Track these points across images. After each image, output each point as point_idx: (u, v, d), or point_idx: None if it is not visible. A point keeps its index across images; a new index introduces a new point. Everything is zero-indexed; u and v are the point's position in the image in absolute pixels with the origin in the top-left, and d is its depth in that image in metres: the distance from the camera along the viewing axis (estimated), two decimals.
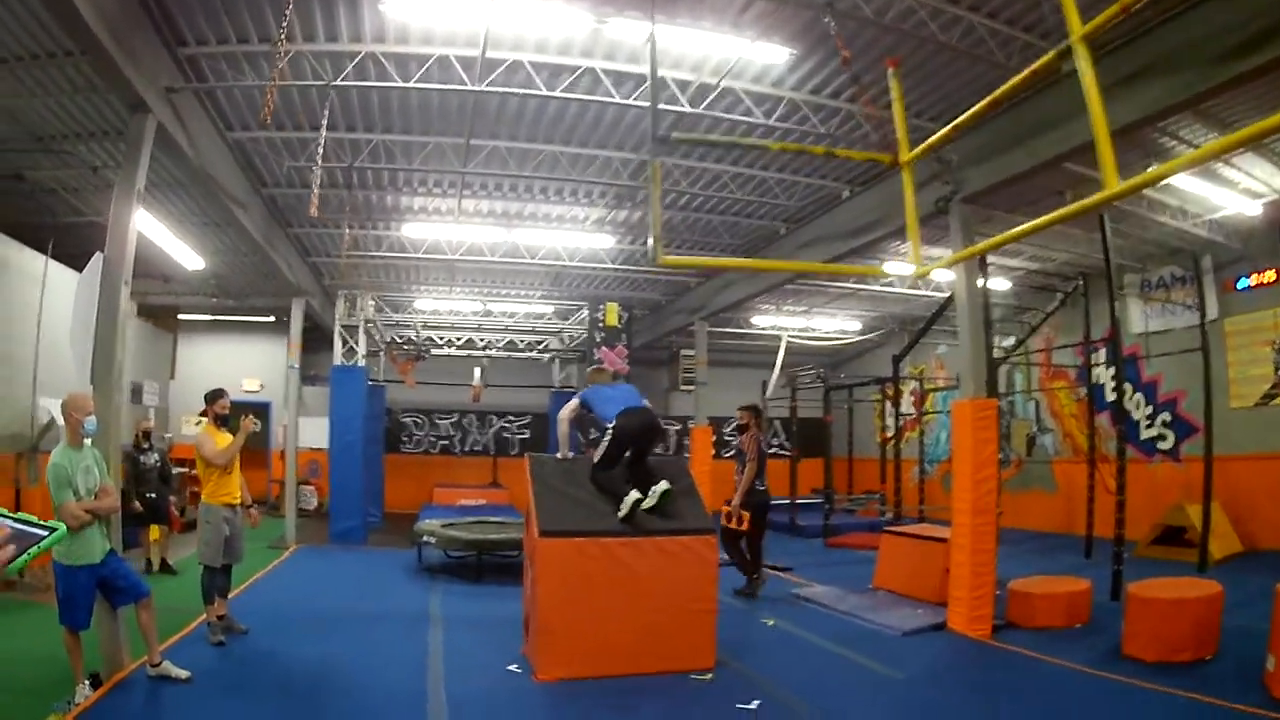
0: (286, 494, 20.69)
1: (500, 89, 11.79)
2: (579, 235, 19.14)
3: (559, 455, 10.76)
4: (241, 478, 11.07)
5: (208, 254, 20.03)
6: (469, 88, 11.56)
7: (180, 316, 27.86)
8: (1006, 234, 6.36)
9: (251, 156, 15.15)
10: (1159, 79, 9.36)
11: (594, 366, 12.36)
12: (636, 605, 9.30)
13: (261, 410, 19.16)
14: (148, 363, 24.14)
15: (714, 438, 29.46)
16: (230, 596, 11.38)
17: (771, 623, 12.19)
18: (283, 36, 10.02)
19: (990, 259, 15.84)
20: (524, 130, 14.27)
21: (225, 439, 10.76)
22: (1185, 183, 15.07)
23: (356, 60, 11.39)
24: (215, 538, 10.46)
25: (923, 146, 7.01)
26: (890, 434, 24.25)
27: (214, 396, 11.20)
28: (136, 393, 22.73)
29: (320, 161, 12.36)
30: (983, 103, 6.39)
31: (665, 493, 9.64)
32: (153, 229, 16.49)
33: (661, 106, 10.35)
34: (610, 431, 10.10)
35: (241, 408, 22.55)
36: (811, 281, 22.39)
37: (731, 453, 32.87)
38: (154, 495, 15.56)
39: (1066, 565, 15.91)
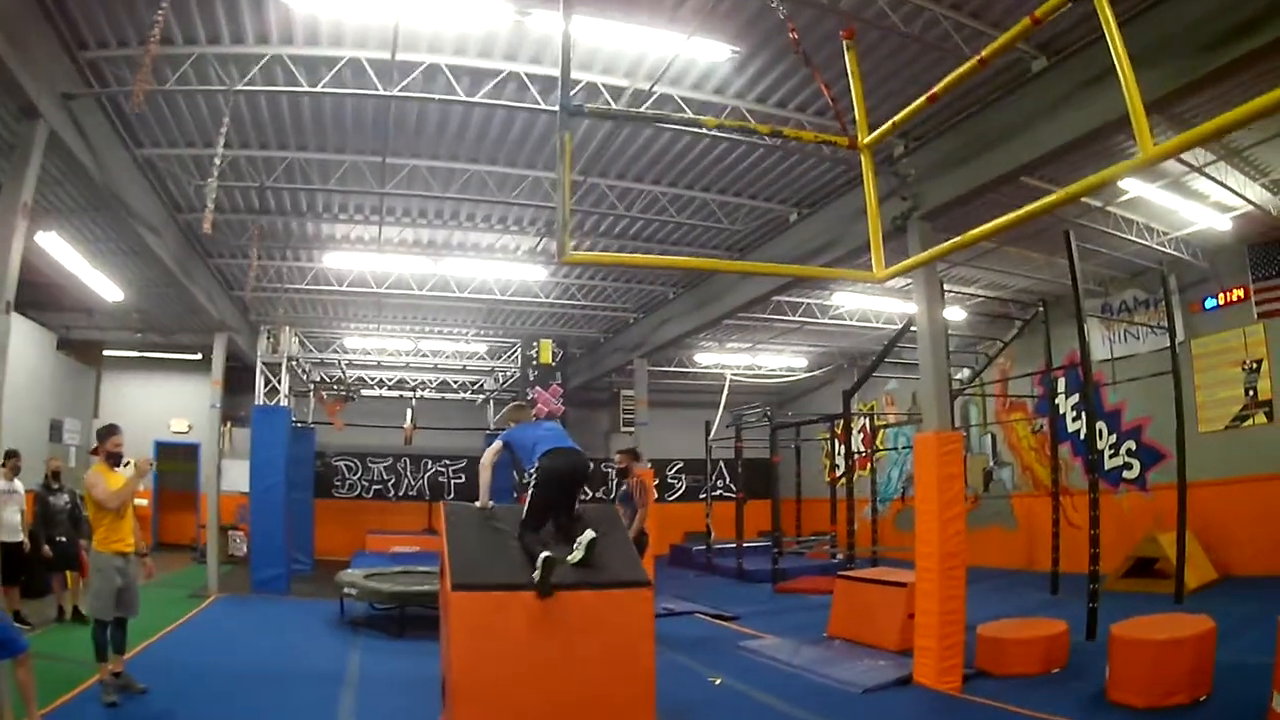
0: (209, 540, 19.58)
1: (417, 94, 10.88)
2: (509, 266, 18.24)
3: (479, 504, 9.63)
4: (136, 524, 10.31)
5: (126, 285, 19.12)
6: (381, 93, 10.69)
7: (105, 353, 26.79)
8: (981, 229, 5.35)
9: (164, 177, 14.23)
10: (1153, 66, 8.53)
11: (513, 404, 11.21)
12: (564, 667, 8.24)
13: (190, 452, 18.93)
14: (68, 399, 23.18)
15: (656, 480, 28.81)
16: (138, 650, 11.18)
17: (718, 681, 11.18)
18: (156, 28, 9.02)
19: (946, 287, 15.23)
20: (445, 147, 13.38)
21: (118, 480, 9.92)
22: (1156, 195, 14.54)
23: (262, 63, 10.52)
24: (106, 588, 9.62)
25: (886, 126, 6.05)
26: (840, 472, 23.41)
27: (106, 433, 10.36)
28: (55, 430, 21.86)
29: (216, 174, 11.24)
30: (950, 77, 5.40)
31: (591, 543, 8.59)
32: (67, 257, 16.00)
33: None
34: (534, 475, 9.05)
35: (171, 449, 21.56)
36: (755, 316, 21.54)
37: (675, 495, 32.40)
38: (64, 539, 14.54)
39: (1033, 603, 15.37)
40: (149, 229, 14.12)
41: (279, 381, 21.28)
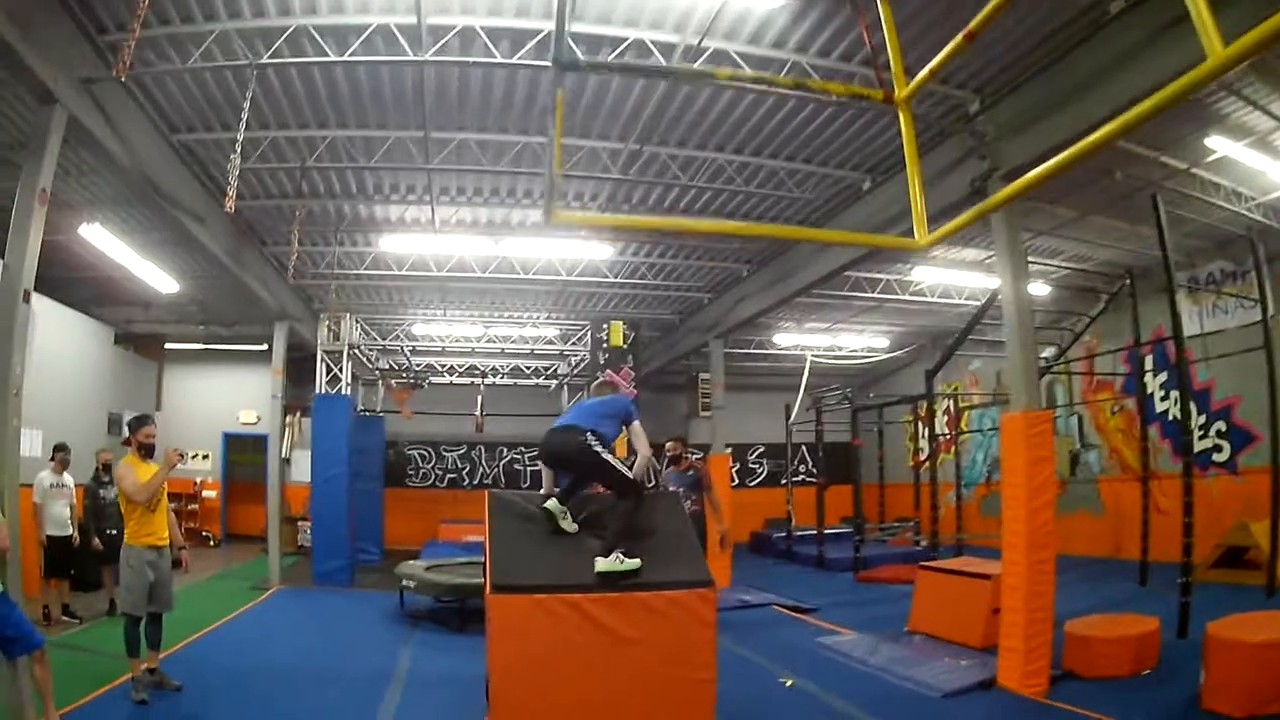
0: (270, 531, 19.21)
1: (451, 59, 10.18)
2: (573, 245, 17.52)
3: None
4: (172, 517, 10.16)
5: (180, 276, 18.97)
6: (412, 58, 10.04)
7: (168, 346, 26.78)
8: (1043, 168, 4.47)
9: (205, 164, 13.75)
10: None
11: (598, 381, 10.65)
12: (616, 675, 7.51)
13: (259, 443, 19.66)
14: (128, 393, 22.74)
15: (736, 466, 28.03)
16: (185, 643, 11.20)
17: (789, 682, 10.40)
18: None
19: (1029, 259, 14.36)
20: (492, 118, 12.63)
21: (149, 472, 9.70)
22: (1244, 155, 13.38)
23: (287, 34, 9.96)
24: (138, 583, 9.36)
25: (923, 74, 5.22)
26: (924, 456, 22.57)
27: (137, 424, 10.18)
28: (114, 423, 21.25)
29: (239, 151, 10.75)
30: (987, 9, 4.48)
31: (601, 575, 7.72)
32: (115, 249, 15.77)
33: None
34: None
35: (239, 441, 21.18)
36: (833, 293, 20.70)
37: (757, 481, 31.74)
38: (114, 532, 13.44)
39: (1121, 595, 14.65)
40: (192, 217, 13.74)
41: (340, 370, 20.87)
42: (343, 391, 20.70)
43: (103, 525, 13.95)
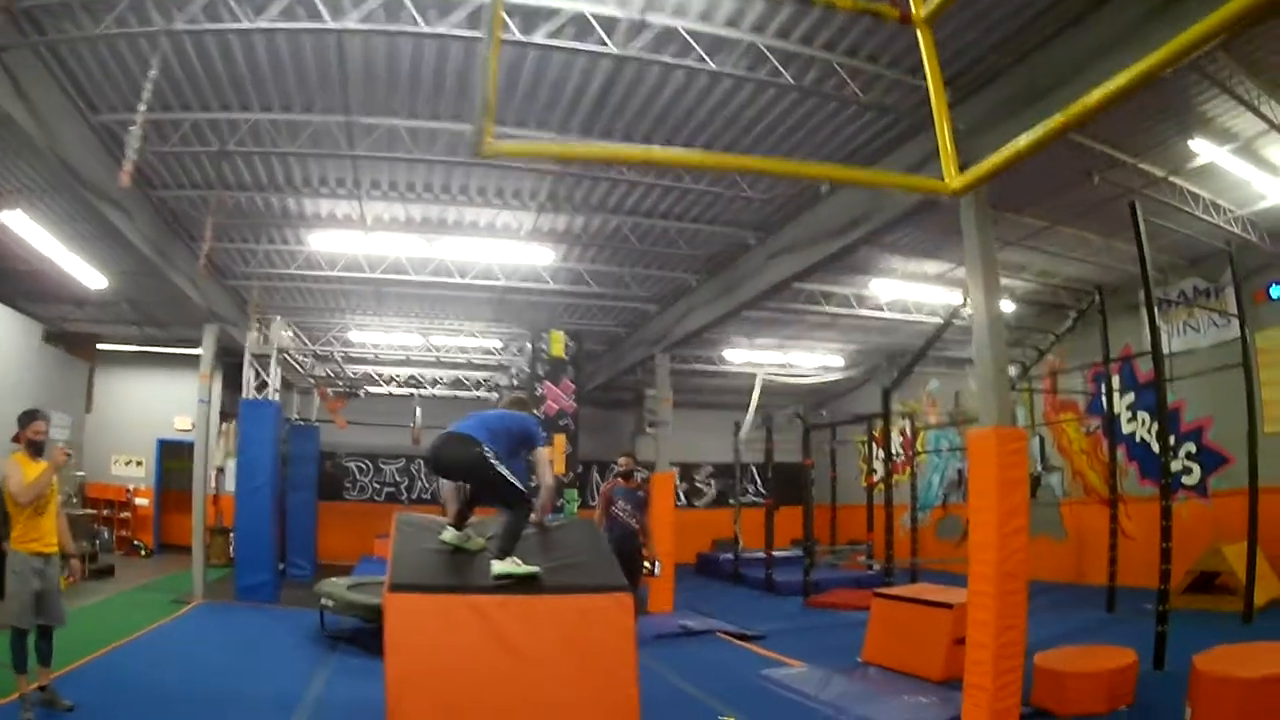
0: (195, 542, 18.36)
1: (374, 26, 9.29)
2: (509, 246, 16.60)
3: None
4: (63, 520, 9.56)
5: (108, 272, 18.17)
6: (328, 25, 9.19)
7: (101, 346, 25.84)
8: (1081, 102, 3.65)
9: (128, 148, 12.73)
10: None
11: (512, 395, 9.92)
12: (525, 689, 6.80)
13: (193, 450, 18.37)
14: (56, 392, 21.64)
15: (684, 485, 27.47)
16: (91, 658, 10.97)
17: None
18: None
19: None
20: (423, 102, 11.74)
21: (37, 471, 9.08)
22: (1228, 162, 12.83)
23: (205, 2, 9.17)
24: (22, 592, 8.81)
25: None
26: (878, 477, 21.88)
27: (27, 419, 9.48)
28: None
29: (141, 122, 9.98)
30: None
31: (499, 577, 7.18)
32: (39, 240, 15.36)
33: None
34: None
35: (175, 448, 20.41)
36: (785, 307, 20.04)
37: (705, 501, 31.25)
38: None
39: (1089, 623, 14.31)
40: (113, 206, 12.98)
41: (269, 375, 20.04)
42: (271, 398, 19.85)
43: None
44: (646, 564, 13.39)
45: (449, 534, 7.72)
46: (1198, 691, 7.85)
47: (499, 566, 7.09)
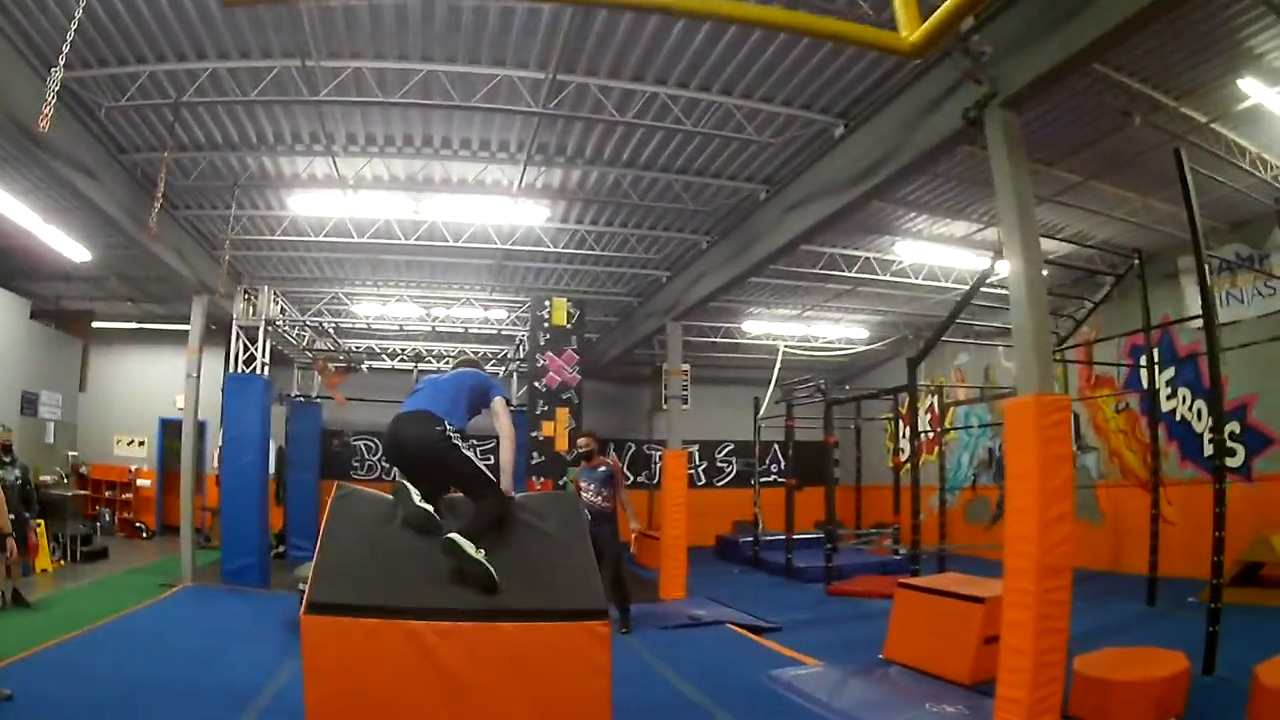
0: (183, 523, 17.59)
1: None
2: (502, 205, 15.61)
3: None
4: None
5: (91, 244, 17.78)
6: None
7: (97, 325, 25.42)
8: None
9: (91, 108, 12.23)
10: None
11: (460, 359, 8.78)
12: None
13: (199, 430, 18.01)
14: (47, 371, 21.79)
15: (704, 464, 28.01)
16: (54, 642, 10.70)
17: None
18: None
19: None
20: (387, 39, 10.79)
21: None
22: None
23: None
24: None
25: None
26: (904, 457, 20.79)
27: None
28: (29, 403, 20.61)
29: (63, 62, 9.11)
30: None
31: (450, 543, 5.94)
32: (14, 211, 15.30)
33: None
34: None
35: (176, 427, 21.19)
36: (804, 270, 19.11)
37: (725, 480, 30.33)
38: (11, 517, 12.98)
39: (1129, 617, 13.18)
40: (80, 171, 12.33)
41: (257, 349, 19.19)
42: (258, 372, 19.04)
43: None
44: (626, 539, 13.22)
45: (418, 496, 6.46)
46: (1260, 707, 6.94)
47: (455, 536, 5.91)
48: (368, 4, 9.89)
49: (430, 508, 6.40)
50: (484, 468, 6.55)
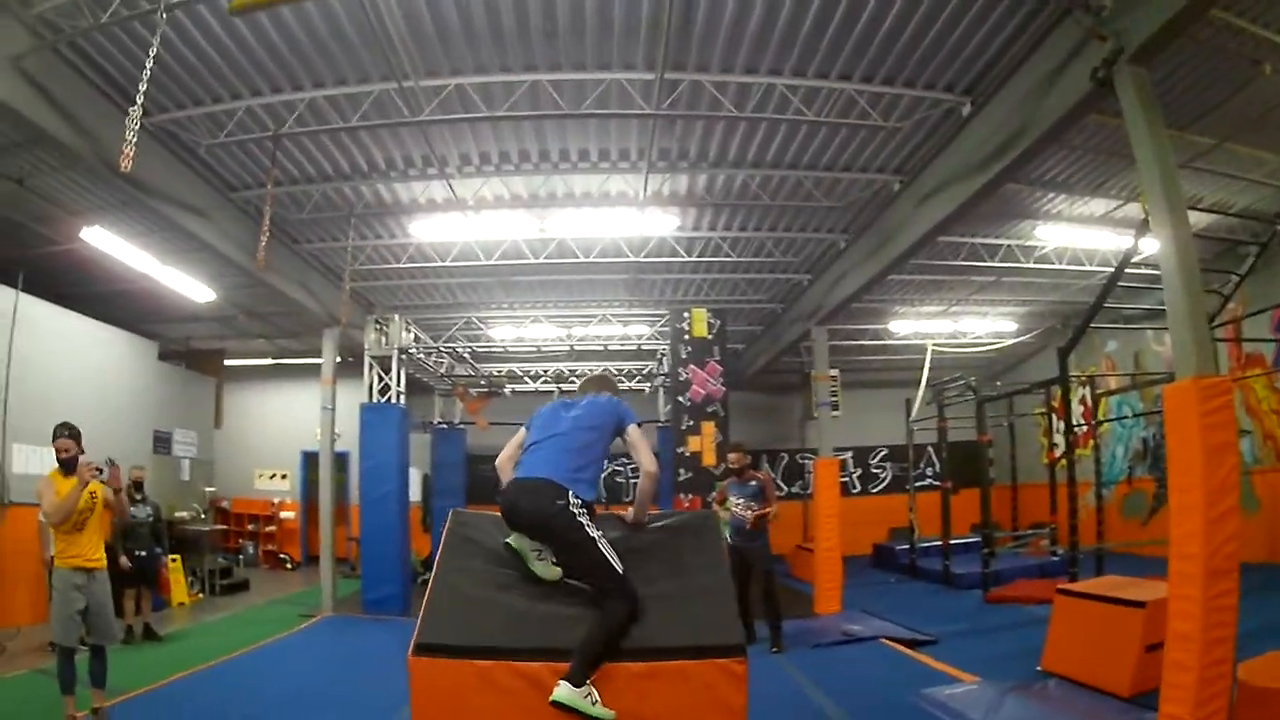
0: (322, 553, 18.06)
1: None
2: (629, 216, 15.25)
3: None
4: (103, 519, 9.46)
5: (214, 284, 18.03)
6: None
7: (229, 362, 26.14)
8: None
9: (191, 149, 12.58)
10: None
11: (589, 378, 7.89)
12: None
13: (340, 461, 19.09)
14: (179, 410, 22.10)
15: (858, 471, 28.23)
16: (184, 674, 10.88)
17: None
18: None
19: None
20: (487, 52, 10.55)
21: (67, 488, 8.88)
22: None
23: None
24: (64, 611, 8.73)
25: None
26: (1059, 452, 20.01)
27: (53, 436, 9.12)
28: (162, 442, 20.91)
29: (140, 102, 9.07)
30: None
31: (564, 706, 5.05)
32: (132, 256, 15.41)
33: None
34: None
35: (318, 459, 19.98)
36: (944, 263, 18.52)
37: (880, 487, 29.81)
38: (144, 553, 14.56)
39: None
40: (188, 211, 12.88)
41: (393, 378, 19.13)
42: (394, 401, 18.99)
43: (130, 546, 14.11)
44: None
45: (517, 539, 5.81)
46: (1245, 707, 6.61)
47: (562, 692, 5.03)
48: (456, 15, 9.70)
49: (535, 551, 5.80)
50: (612, 556, 5.62)
